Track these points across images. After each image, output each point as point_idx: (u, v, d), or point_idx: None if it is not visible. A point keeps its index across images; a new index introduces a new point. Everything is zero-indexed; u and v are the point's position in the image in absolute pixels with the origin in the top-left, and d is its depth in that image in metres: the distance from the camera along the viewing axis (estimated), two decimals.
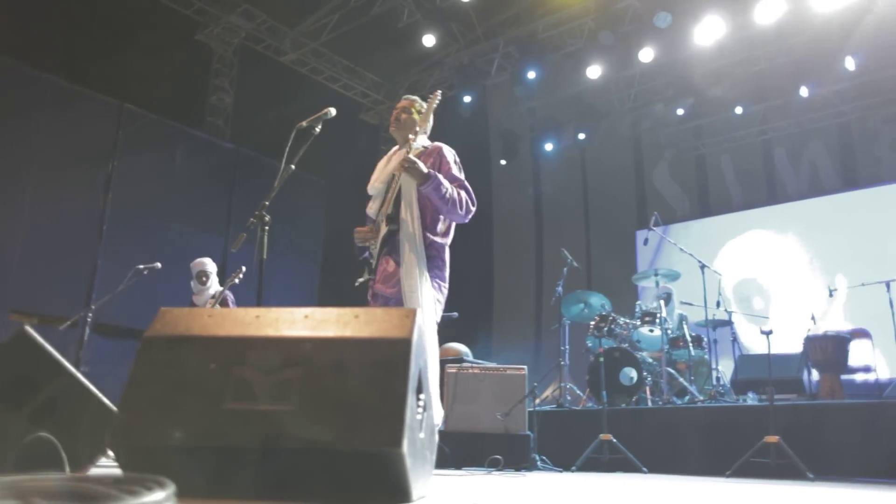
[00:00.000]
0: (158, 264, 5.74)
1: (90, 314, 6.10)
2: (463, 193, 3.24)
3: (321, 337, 1.76)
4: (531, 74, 9.66)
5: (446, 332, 7.82)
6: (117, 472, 1.73)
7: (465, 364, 5.55)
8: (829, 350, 5.49)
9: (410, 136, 3.36)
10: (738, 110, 9.78)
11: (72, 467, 2.25)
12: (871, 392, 6.34)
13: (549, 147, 10.95)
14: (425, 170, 3.15)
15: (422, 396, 1.83)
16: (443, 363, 5.87)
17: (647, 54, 8.99)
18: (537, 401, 8.16)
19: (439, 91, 3.36)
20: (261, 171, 10.34)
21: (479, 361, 6.50)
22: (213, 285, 5.91)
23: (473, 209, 3.27)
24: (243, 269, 5.59)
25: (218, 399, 1.69)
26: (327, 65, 11.14)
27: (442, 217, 3.29)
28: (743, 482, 4.35)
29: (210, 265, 5.92)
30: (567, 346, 6.81)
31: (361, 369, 1.69)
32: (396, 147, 3.53)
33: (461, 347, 7.01)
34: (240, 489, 1.62)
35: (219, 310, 1.88)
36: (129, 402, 1.72)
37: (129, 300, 8.04)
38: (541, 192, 11.94)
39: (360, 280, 3.30)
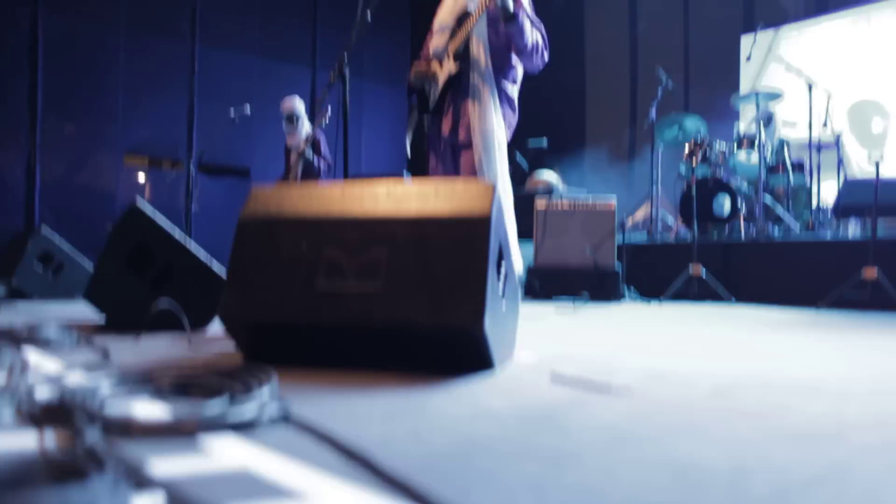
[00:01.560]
0: (248, 110, 5.86)
1: (193, 158, 6.40)
2: (540, 39, 3.05)
3: (403, 217, 1.82)
4: None
5: (536, 159, 7.80)
6: (233, 358, 1.92)
7: (553, 200, 5.56)
8: None
9: None
10: None
11: (190, 327, 2.51)
12: None
13: None
14: (512, 7, 2.94)
15: (503, 265, 1.90)
16: (532, 197, 5.92)
17: None
18: (629, 223, 8.18)
19: None
20: None
21: (570, 190, 6.51)
22: (304, 125, 6.01)
23: (547, 57, 3.11)
24: (329, 108, 5.63)
25: (311, 279, 1.81)
26: None
27: (513, 62, 3.13)
28: (835, 312, 4.35)
29: (298, 105, 5.97)
30: (660, 172, 6.67)
31: (443, 247, 1.76)
32: None
33: (551, 176, 7.00)
34: (334, 361, 1.79)
35: (307, 187, 1.96)
36: (233, 282, 1.87)
37: (228, 139, 8.36)
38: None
39: (412, 125, 3.25)
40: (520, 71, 3.20)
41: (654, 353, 2.29)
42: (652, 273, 5.56)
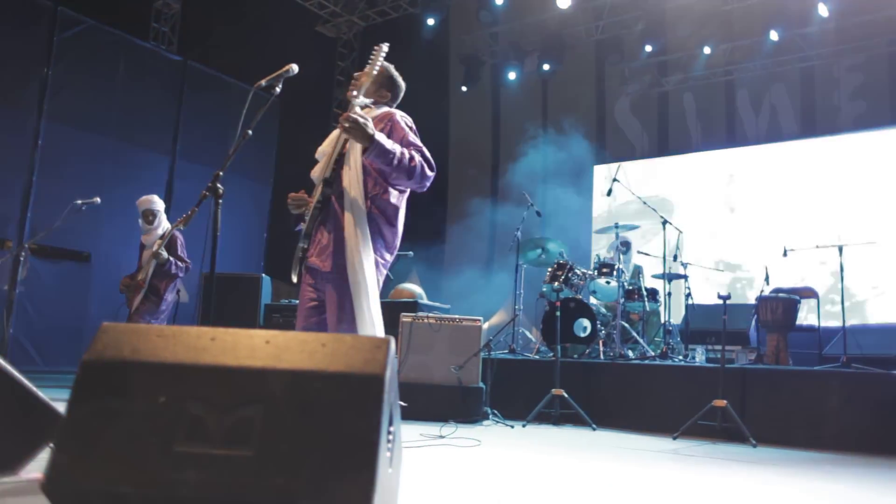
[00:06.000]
0: (97, 199, 5.40)
1: (25, 244, 5.77)
2: (417, 157, 2.87)
3: (285, 369, 1.60)
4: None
5: (400, 271, 7.73)
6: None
7: (420, 314, 5.46)
8: (778, 312, 5.59)
9: (353, 93, 2.98)
10: (707, 50, 9.62)
11: (1, 468, 2.09)
12: (812, 346, 6.53)
13: (511, 76, 10.63)
14: (370, 130, 2.75)
15: (391, 429, 1.71)
16: (398, 309, 5.78)
17: None
18: (486, 325, 8.19)
19: (385, 44, 2.90)
20: (210, 86, 9.82)
21: (434, 304, 6.44)
22: (162, 223, 5.61)
23: (431, 175, 2.94)
24: (196, 209, 5.27)
25: (168, 439, 1.53)
26: None
27: (391, 188, 2.96)
28: (689, 443, 4.46)
29: (157, 203, 5.60)
30: (522, 291, 6.79)
31: (329, 410, 1.55)
32: None
33: (416, 288, 6.93)
34: None
35: (170, 329, 1.70)
36: (68, 438, 1.55)
37: (69, 221, 7.66)
38: (500, 122, 11.67)
39: (297, 256, 3.01)
40: (400, 198, 3.02)
41: None
42: (516, 389, 5.53)
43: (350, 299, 2.77)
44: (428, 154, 2.97)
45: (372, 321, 2.77)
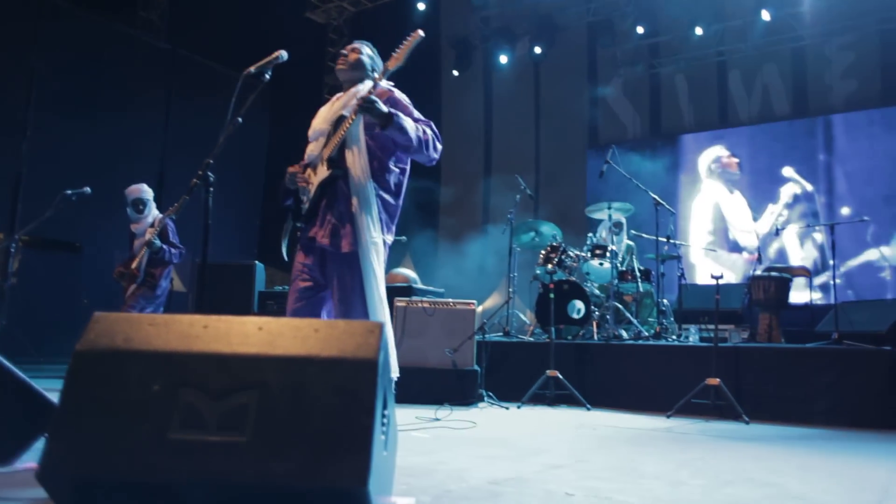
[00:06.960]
0: (88, 189, 5.37)
1: (16, 235, 5.75)
2: (429, 131, 2.95)
3: (278, 356, 1.61)
4: None
5: (394, 256, 7.74)
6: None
7: (414, 299, 5.47)
8: (770, 290, 5.61)
9: (375, 75, 2.99)
10: (698, 30, 9.59)
11: None
12: (804, 323, 6.58)
13: (503, 59, 10.60)
14: (385, 109, 2.80)
15: (386, 412, 1.72)
16: (392, 294, 5.78)
17: None
18: (480, 309, 8.23)
19: (420, 31, 2.89)
20: (199, 74, 9.77)
21: (428, 289, 6.45)
22: (151, 212, 5.59)
23: (440, 147, 3.01)
24: (186, 198, 5.25)
25: (162, 427, 1.54)
26: None
27: (392, 167, 3.01)
28: (683, 421, 4.50)
29: (146, 192, 5.57)
30: (515, 274, 6.80)
31: (323, 394, 1.56)
32: (340, 93, 3.16)
33: (410, 273, 6.93)
34: None
35: (162, 317, 1.70)
36: (62, 428, 1.55)
37: (59, 212, 7.62)
38: (492, 106, 11.64)
39: (287, 233, 3.02)
40: (401, 177, 3.06)
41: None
42: (510, 371, 5.55)
43: (361, 280, 2.81)
44: (435, 128, 3.00)
45: (382, 302, 2.81)
